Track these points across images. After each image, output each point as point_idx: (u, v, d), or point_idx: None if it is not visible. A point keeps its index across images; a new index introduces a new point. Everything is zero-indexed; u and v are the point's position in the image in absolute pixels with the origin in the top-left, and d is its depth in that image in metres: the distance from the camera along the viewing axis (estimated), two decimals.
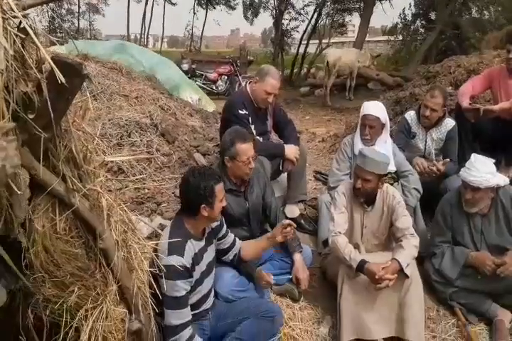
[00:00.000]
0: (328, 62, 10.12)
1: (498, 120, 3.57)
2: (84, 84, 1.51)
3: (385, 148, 3.11)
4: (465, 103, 3.64)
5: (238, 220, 2.70)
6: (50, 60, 1.22)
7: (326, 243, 2.97)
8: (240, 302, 2.38)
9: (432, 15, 15.85)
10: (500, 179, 2.60)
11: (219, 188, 2.13)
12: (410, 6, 17.30)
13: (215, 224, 2.35)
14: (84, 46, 6.11)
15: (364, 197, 2.61)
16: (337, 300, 2.47)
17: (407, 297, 2.39)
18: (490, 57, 5.29)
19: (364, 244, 2.65)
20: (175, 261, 1.98)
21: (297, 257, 2.69)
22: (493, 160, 2.64)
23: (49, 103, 1.26)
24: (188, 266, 2.04)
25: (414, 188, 3.17)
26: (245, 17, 21.18)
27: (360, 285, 2.42)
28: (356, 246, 2.57)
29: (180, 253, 2.02)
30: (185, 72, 8.80)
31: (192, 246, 2.12)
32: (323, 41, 16.76)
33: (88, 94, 1.59)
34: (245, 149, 2.56)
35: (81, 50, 5.52)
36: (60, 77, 1.20)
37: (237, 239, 2.51)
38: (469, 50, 11.15)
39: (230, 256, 2.49)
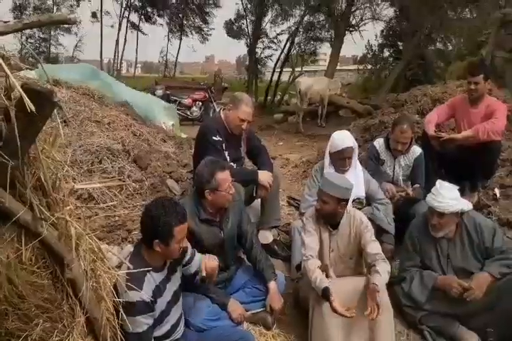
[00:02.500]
0: (300, 90, 10.36)
1: (461, 147, 3.71)
2: (55, 111, 1.50)
3: (355, 174, 3.19)
4: (431, 131, 3.78)
5: (212, 250, 2.57)
6: (19, 88, 1.22)
7: (299, 267, 2.98)
8: (212, 331, 2.33)
9: (400, 46, 16.53)
10: (464, 204, 2.68)
11: (178, 230, 1.97)
12: (376, 37, 17.99)
13: None
14: (54, 71, 6.07)
15: (325, 219, 2.66)
16: (308, 326, 2.46)
17: (377, 322, 2.39)
18: (454, 87, 5.54)
19: (332, 267, 2.67)
20: (133, 296, 1.87)
21: (272, 286, 2.66)
22: (458, 187, 2.73)
23: (17, 131, 1.24)
24: (148, 300, 1.92)
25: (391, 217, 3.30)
26: (229, 35, 21.27)
27: (330, 310, 2.41)
28: (326, 269, 2.58)
29: (138, 286, 1.89)
30: (160, 98, 8.84)
31: (152, 279, 2.01)
32: (296, 69, 17.18)
33: (59, 120, 1.58)
34: (225, 177, 2.52)
35: (52, 76, 5.48)
36: (30, 105, 1.19)
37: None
38: (434, 79, 11.64)
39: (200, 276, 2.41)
